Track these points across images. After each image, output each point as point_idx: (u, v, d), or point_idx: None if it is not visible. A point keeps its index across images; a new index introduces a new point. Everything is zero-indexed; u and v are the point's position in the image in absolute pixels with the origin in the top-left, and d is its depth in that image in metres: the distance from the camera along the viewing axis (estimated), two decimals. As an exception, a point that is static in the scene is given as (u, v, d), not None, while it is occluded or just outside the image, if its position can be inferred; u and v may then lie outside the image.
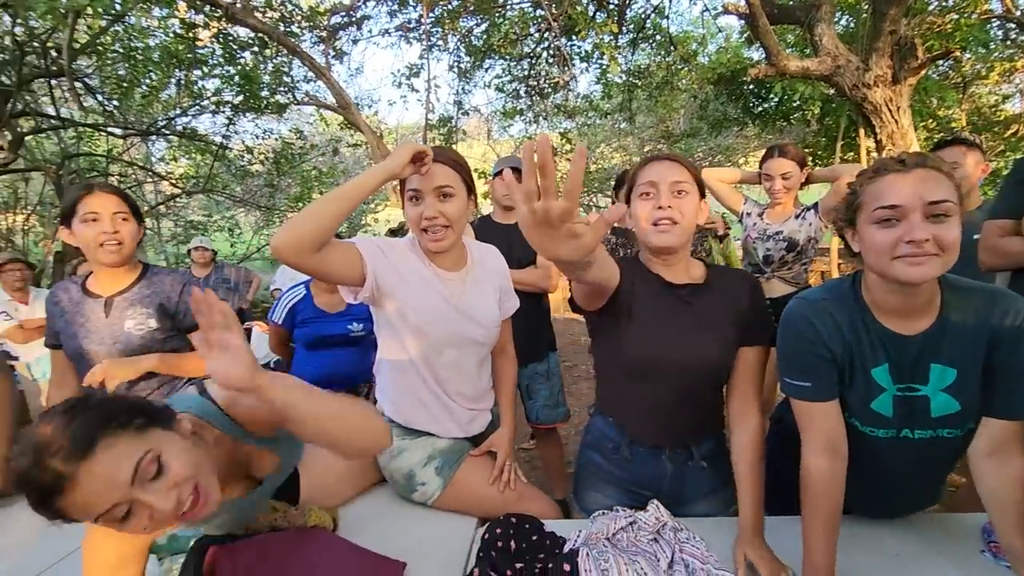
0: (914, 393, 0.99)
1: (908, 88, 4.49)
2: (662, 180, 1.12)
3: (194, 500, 0.78)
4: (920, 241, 0.86)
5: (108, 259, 1.51)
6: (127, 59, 5.67)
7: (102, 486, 0.70)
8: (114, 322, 1.54)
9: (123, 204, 1.52)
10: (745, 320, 1.18)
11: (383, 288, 1.26)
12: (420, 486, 1.36)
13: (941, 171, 0.89)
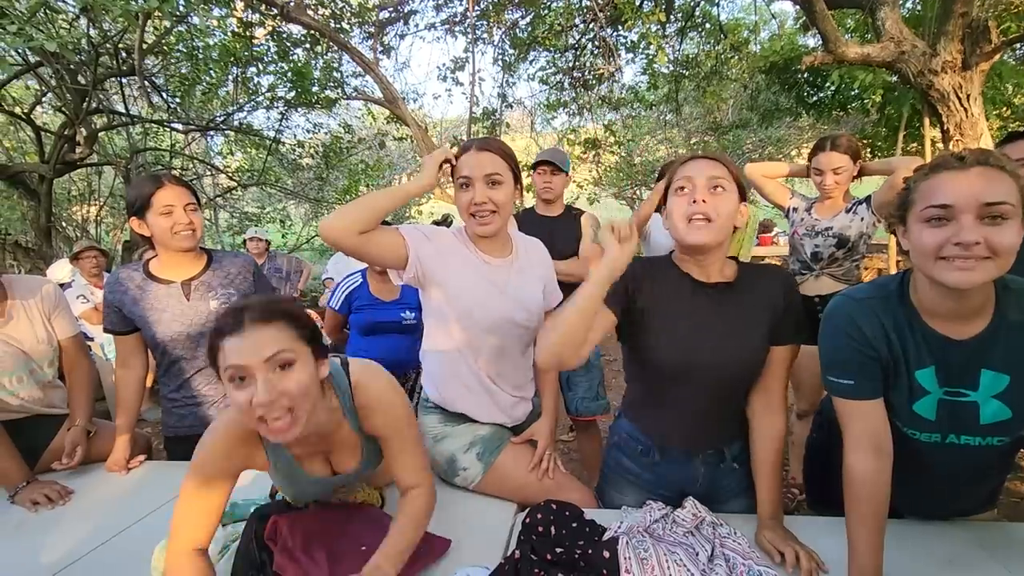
0: (962, 398, 0.96)
1: (980, 74, 4.21)
2: (699, 175, 1.10)
3: (281, 417, 0.92)
4: (969, 244, 0.82)
5: (185, 244, 1.62)
6: (189, 58, 5.96)
7: (250, 345, 0.91)
8: (196, 303, 1.65)
9: (191, 195, 1.64)
10: (781, 318, 1.16)
11: (428, 272, 1.32)
12: (462, 471, 1.40)
13: (1004, 170, 0.84)
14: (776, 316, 1.15)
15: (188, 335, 1.65)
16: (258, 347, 0.91)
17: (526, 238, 1.54)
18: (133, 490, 1.54)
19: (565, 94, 7.64)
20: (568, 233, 2.27)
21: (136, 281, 1.66)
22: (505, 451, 1.42)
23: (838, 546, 1.01)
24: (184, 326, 1.64)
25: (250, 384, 0.91)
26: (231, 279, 1.71)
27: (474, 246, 1.40)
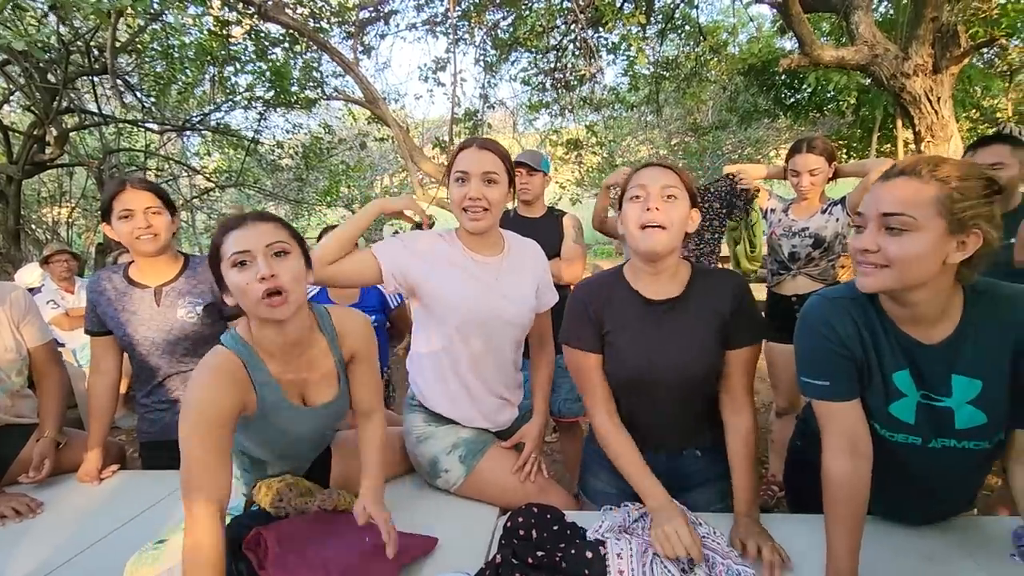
0: (937, 403, 0.97)
1: (950, 77, 4.32)
2: (652, 183, 1.14)
3: (283, 297, 1.06)
4: (860, 250, 0.87)
5: (146, 248, 1.59)
6: (164, 57, 5.85)
7: (253, 234, 1.06)
8: (165, 310, 1.62)
9: (155, 199, 1.60)
10: (731, 323, 1.20)
11: (409, 279, 1.36)
12: (444, 472, 1.40)
13: (927, 182, 0.84)
14: (726, 321, 1.19)
15: (155, 341, 1.62)
16: (260, 235, 1.07)
17: (523, 240, 1.55)
18: (105, 501, 1.50)
19: (547, 95, 7.66)
20: (550, 234, 2.26)
21: (115, 284, 1.64)
22: (488, 454, 1.42)
23: (816, 545, 1.02)
24: (152, 331, 1.62)
25: (251, 267, 1.05)
26: (198, 287, 1.67)
27: (461, 244, 1.42)
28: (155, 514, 1.39)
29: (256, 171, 8.00)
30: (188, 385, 1.07)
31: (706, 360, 1.20)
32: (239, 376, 1.10)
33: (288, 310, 1.07)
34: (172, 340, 1.63)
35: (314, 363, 1.22)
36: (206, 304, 1.64)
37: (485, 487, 1.39)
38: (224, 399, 1.05)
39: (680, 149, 11.87)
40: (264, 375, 1.14)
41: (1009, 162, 1.84)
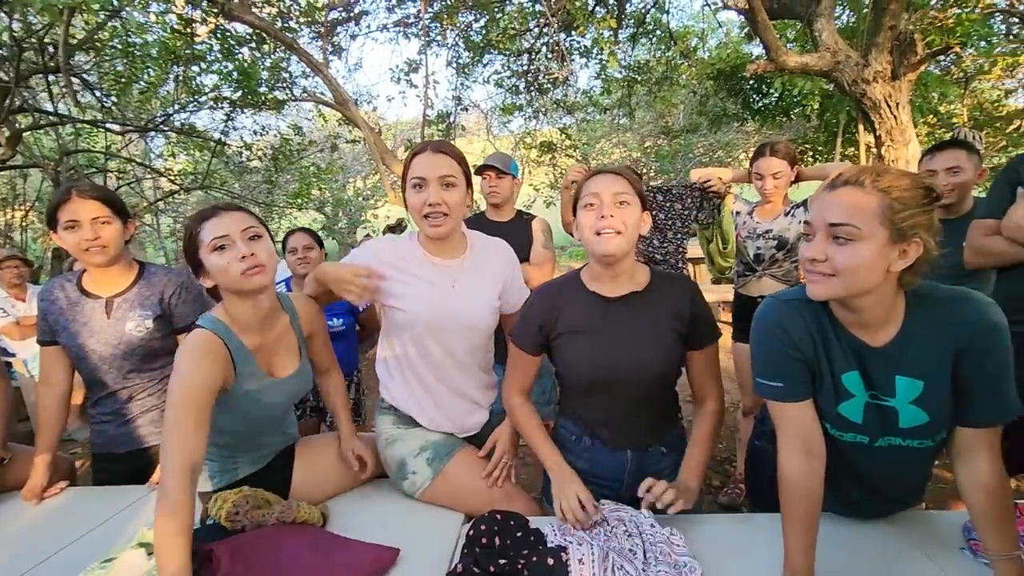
0: (883, 403, 0.99)
1: (908, 84, 4.47)
2: (605, 191, 1.18)
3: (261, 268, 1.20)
4: (808, 259, 0.89)
5: (94, 260, 1.52)
6: (125, 55, 5.66)
7: (229, 220, 1.21)
8: (115, 323, 1.55)
9: (103, 208, 1.51)
10: (687, 325, 1.25)
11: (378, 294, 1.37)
12: (411, 474, 1.39)
13: (870, 192, 0.87)
14: (684, 323, 1.25)
15: (103, 355, 1.55)
16: (235, 222, 1.21)
17: (490, 239, 1.53)
18: (52, 520, 1.43)
19: (521, 97, 7.67)
20: (519, 238, 2.25)
21: (67, 293, 1.57)
22: (456, 458, 1.40)
23: (773, 543, 1.03)
24: (101, 344, 1.55)
25: (230, 250, 1.19)
26: (150, 298, 1.60)
27: (422, 249, 1.40)
28: (104, 533, 1.33)
29: (223, 173, 7.80)
30: (175, 363, 1.16)
31: (664, 356, 1.24)
32: (220, 351, 1.20)
33: (266, 278, 1.23)
34: (119, 354, 1.56)
35: (281, 337, 1.36)
36: (155, 317, 1.58)
37: (451, 491, 1.37)
38: (206, 373, 1.15)
39: (652, 152, 12.04)
40: (240, 346, 1.25)
41: (965, 166, 1.90)
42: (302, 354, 1.41)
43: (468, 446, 1.46)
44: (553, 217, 2.43)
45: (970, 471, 0.96)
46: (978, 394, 0.94)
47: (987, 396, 0.94)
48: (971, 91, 8.32)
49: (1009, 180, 1.58)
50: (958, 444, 0.99)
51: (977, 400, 0.94)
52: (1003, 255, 1.55)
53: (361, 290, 1.30)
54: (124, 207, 1.58)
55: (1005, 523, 0.93)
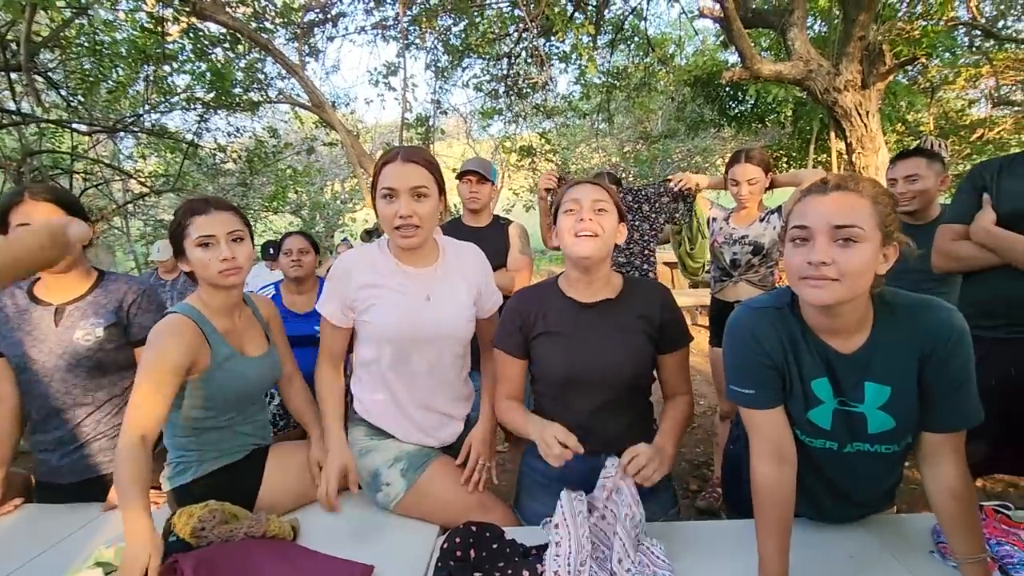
0: (852, 409, 1.00)
1: (877, 92, 4.59)
2: (584, 198, 1.23)
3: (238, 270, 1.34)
4: (817, 263, 0.88)
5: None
6: (92, 53, 5.50)
7: (217, 221, 1.32)
8: (63, 331, 1.47)
9: (57, 210, 1.42)
10: (659, 331, 1.29)
11: (358, 309, 1.37)
12: (384, 486, 1.36)
13: (862, 195, 0.89)
14: (655, 328, 1.29)
15: (46, 366, 1.46)
16: (223, 223, 1.33)
17: (461, 244, 1.51)
18: (6, 538, 1.35)
19: (500, 101, 7.67)
20: (496, 244, 2.24)
21: (16, 300, 1.48)
22: (430, 468, 1.38)
23: (748, 548, 1.03)
24: (45, 354, 1.45)
25: (213, 248, 1.31)
26: (104, 306, 1.52)
27: (394, 259, 1.38)
28: (59, 553, 1.27)
29: (196, 175, 7.63)
30: (147, 340, 1.27)
31: (635, 359, 1.28)
32: (193, 332, 1.31)
33: (241, 278, 1.37)
34: (63, 366, 1.46)
35: (247, 323, 1.49)
36: (108, 325, 1.50)
37: (426, 503, 1.35)
38: (176, 346, 1.26)
39: (631, 157, 12.16)
40: (213, 330, 1.36)
41: (924, 174, 1.95)
42: (269, 340, 1.53)
43: (443, 456, 1.44)
44: (532, 222, 2.42)
45: (936, 475, 0.98)
46: (942, 399, 0.96)
47: (950, 402, 0.96)
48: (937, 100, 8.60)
49: (975, 185, 1.61)
50: (924, 449, 1.00)
51: (941, 405, 0.96)
52: (971, 260, 1.58)
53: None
54: (81, 209, 1.50)
55: (971, 526, 0.95)
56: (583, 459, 1.28)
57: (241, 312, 1.48)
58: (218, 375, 1.34)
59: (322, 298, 1.41)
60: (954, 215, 1.66)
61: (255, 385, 1.46)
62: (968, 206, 1.61)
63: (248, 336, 1.47)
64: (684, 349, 1.33)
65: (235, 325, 1.44)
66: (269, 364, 1.49)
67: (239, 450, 1.43)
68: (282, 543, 1.22)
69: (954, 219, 1.65)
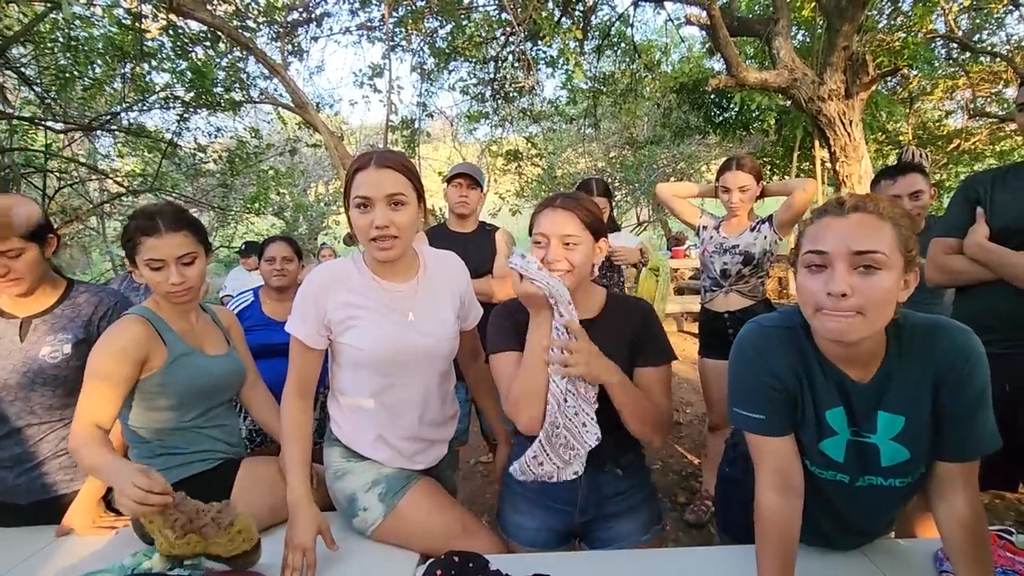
0: (865, 440, 0.96)
1: (860, 102, 4.63)
2: (553, 234, 1.17)
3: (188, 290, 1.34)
4: (837, 294, 0.81)
5: (12, 292, 1.36)
6: (67, 49, 5.33)
7: (167, 245, 1.30)
8: (29, 347, 1.37)
9: (10, 241, 1.30)
10: (638, 345, 1.23)
11: (335, 331, 1.26)
12: (362, 511, 1.28)
13: (883, 217, 0.83)
14: (635, 341, 1.23)
15: (7, 383, 1.36)
16: (173, 247, 1.31)
17: (440, 253, 1.42)
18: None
19: (487, 105, 7.62)
20: (483, 250, 2.18)
21: None
22: (410, 492, 1.30)
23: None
24: (7, 371, 1.36)
25: (164, 271, 1.31)
26: (74, 320, 1.44)
27: (371, 273, 1.28)
28: (12, 580, 1.18)
29: (175, 176, 7.44)
30: (105, 336, 1.29)
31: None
32: (146, 330, 1.32)
33: (191, 297, 1.38)
34: (27, 383, 1.37)
35: (206, 327, 1.51)
36: (77, 341, 1.41)
37: (406, 529, 1.27)
38: (129, 342, 1.28)
39: (617, 162, 12.18)
40: (169, 331, 1.38)
41: (924, 188, 1.92)
42: (229, 344, 1.54)
43: (425, 479, 1.35)
44: (519, 226, 2.37)
45: (948, 506, 0.93)
46: (957, 427, 0.91)
47: (966, 429, 0.91)
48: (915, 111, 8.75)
49: (967, 198, 1.59)
50: (936, 479, 0.96)
51: (956, 433, 0.92)
52: (964, 274, 1.56)
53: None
54: (40, 224, 1.37)
55: (981, 557, 0.91)
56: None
57: (198, 316, 1.50)
58: (176, 369, 1.35)
59: (293, 317, 1.26)
60: (947, 228, 1.63)
61: (218, 380, 1.45)
62: (961, 219, 1.59)
63: (206, 336, 1.48)
64: (663, 367, 1.24)
65: (192, 327, 1.45)
66: (230, 364, 1.50)
67: (207, 458, 1.40)
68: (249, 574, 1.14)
69: (947, 232, 1.63)
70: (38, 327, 1.40)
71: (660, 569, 1.12)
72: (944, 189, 7.49)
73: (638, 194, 12.97)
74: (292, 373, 1.28)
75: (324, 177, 13.64)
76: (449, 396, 1.42)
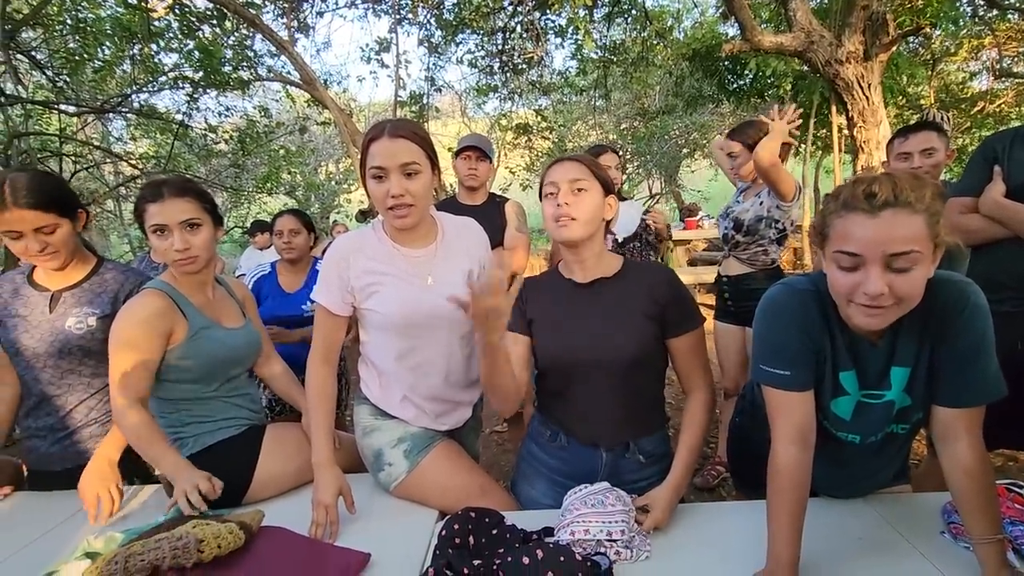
0: (878, 400, 0.98)
1: (880, 65, 4.49)
2: (561, 180, 1.19)
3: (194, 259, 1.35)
4: (874, 295, 0.83)
5: (49, 267, 1.42)
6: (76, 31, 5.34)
7: (170, 210, 1.31)
8: (56, 319, 1.43)
9: (44, 216, 1.34)
10: (664, 312, 1.21)
11: (359, 297, 1.30)
12: (387, 466, 1.33)
13: (916, 211, 0.81)
14: (661, 309, 1.21)
15: (37, 351, 1.43)
16: (176, 212, 1.31)
17: (459, 220, 1.45)
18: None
19: (495, 78, 7.52)
20: (492, 222, 2.18)
21: (15, 284, 1.45)
22: (434, 452, 1.35)
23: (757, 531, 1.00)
24: (36, 340, 1.42)
25: (168, 236, 1.32)
26: (101, 295, 1.48)
27: (390, 241, 1.32)
28: (48, 542, 1.24)
29: (187, 157, 7.50)
30: (125, 310, 1.32)
31: (637, 340, 1.20)
32: (166, 303, 1.33)
33: (197, 267, 1.38)
34: (54, 353, 1.43)
35: (223, 300, 1.53)
36: (102, 316, 1.45)
37: (427, 486, 1.32)
38: (152, 314, 1.30)
39: (629, 134, 12.00)
40: (188, 304, 1.39)
41: (938, 147, 1.89)
42: (245, 316, 1.56)
43: (447, 440, 1.40)
44: (530, 200, 2.37)
45: (951, 453, 0.95)
46: (955, 373, 0.93)
47: (964, 375, 0.93)
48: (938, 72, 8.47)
49: (985, 157, 1.56)
50: (938, 426, 0.97)
51: (954, 379, 0.93)
52: (980, 232, 1.54)
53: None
54: (70, 200, 1.41)
55: (988, 506, 0.92)
56: (581, 449, 1.26)
57: (214, 289, 1.51)
58: (198, 342, 1.37)
59: (319, 286, 1.31)
60: (964, 187, 1.61)
61: (237, 352, 1.48)
62: (978, 178, 1.57)
63: (223, 309, 1.50)
64: (694, 332, 1.23)
65: (209, 300, 1.47)
66: (247, 335, 1.52)
67: (234, 424, 1.43)
68: (279, 532, 1.19)
69: (964, 191, 1.60)
70: (66, 299, 1.45)
71: (672, 523, 1.15)
72: (966, 155, 7.28)
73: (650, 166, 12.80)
74: (317, 340, 1.33)
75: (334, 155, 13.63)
76: (473, 359, 1.44)
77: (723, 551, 1.07)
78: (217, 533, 1.03)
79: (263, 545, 1.11)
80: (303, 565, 1.07)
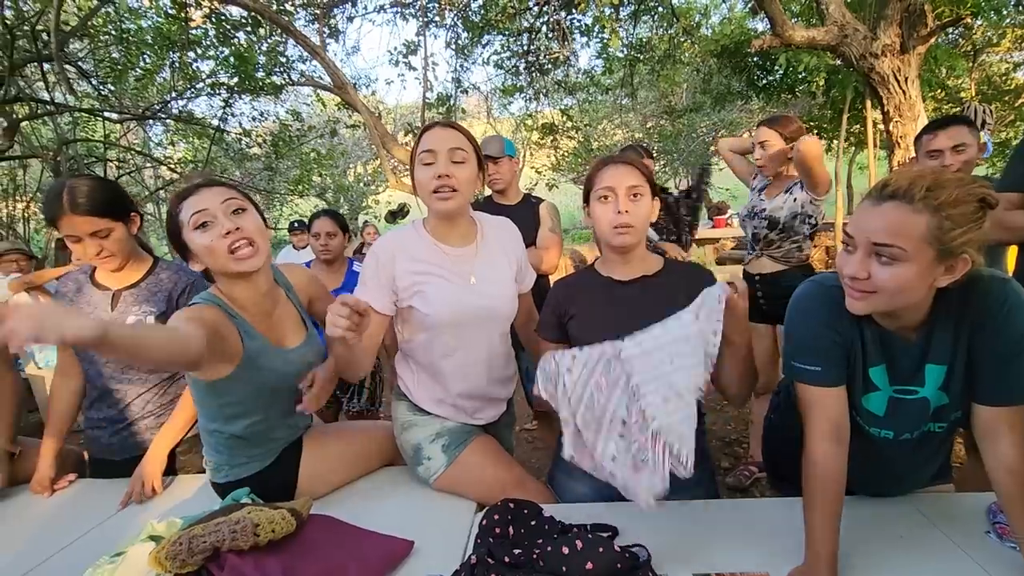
0: (911, 396, 0.98)
1: (917, 57, 4.36)
2: (619, 185, 1.19)
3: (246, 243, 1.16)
4: (850, 276, 0.87)
5: (108, 268, 1.50)
6: (119, 41, 5.57)
7: (207, 196, 1.17)
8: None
9: (99, 221, 1.41)
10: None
11: (403, 296, 1.33)
12: (426, 460, 1.37)
13: (916, 211, 0.81)
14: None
15: None
16: (213, 196, 1.17)
17: (495, 219, 1.49)
18: (60, 513, 1.42)
19: (521, 78, 7.55)
20: (526, 222, 2.21)
21: (79, 283, 1.55)
22: (471, 446, 1.38)
23: (795, 527, 1.01)
24: None
25: (213, 227, 1.15)
26: (157, 294, 1.55)
27: (432, 238, 1.35)
28: (113, 525, 1.33)
29: (223, 160, 7.75)
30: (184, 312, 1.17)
31: None
32: (222, 317, 1.17)
33: (258, 260, 1.18)
34: None
35: (282, 312, 1.34)
36: (160, 313, 1.53)
37: (465, 478, 1.36)
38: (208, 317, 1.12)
39: (655, 132, 11.90)
40: (244, 323, 1.23)
41: (969, 142, 1.83)
42: (307, 324, 1.40)
43: (484, 435, 1.44)
44: (556, 200, 2.39)
45: (993, 452, 0.94)
46: (995, 371, 0.92)
47: (1005, 373, 0.92)
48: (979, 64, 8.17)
49: (1031, 152, 1.53)
50: (980, 425, 0.96)
51: (994, 377, 0.93)
52: None
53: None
54: (123, 204, 1.49)
55: None
56: None
57: (276, 299, 1.33)
58: (253, 374, 1.23)
59: (362, 284, 1.33)
60: (1009, 183, 1.57)
61: (290, 378, 1.32)
62: (1022, 172, 1.53)
63: (285, 326, 1.34)
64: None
65: (268, 317, 1.30)
66: (307, 351, 1.36)
67: (273, 453, 1.36)
68: (327, 520, 1.24)
69: (1009, 187, 1.56)
70: (126, 298, 1.53)
71: (710, 519, 1.16)
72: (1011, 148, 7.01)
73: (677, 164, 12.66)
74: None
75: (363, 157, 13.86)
76: (510, 355, 1.48)
77: (760, 547, 1.08)
78: (271, 518, 1.08)
79: (312, 531, 1.16)
80: (350, 550, 1.12)
